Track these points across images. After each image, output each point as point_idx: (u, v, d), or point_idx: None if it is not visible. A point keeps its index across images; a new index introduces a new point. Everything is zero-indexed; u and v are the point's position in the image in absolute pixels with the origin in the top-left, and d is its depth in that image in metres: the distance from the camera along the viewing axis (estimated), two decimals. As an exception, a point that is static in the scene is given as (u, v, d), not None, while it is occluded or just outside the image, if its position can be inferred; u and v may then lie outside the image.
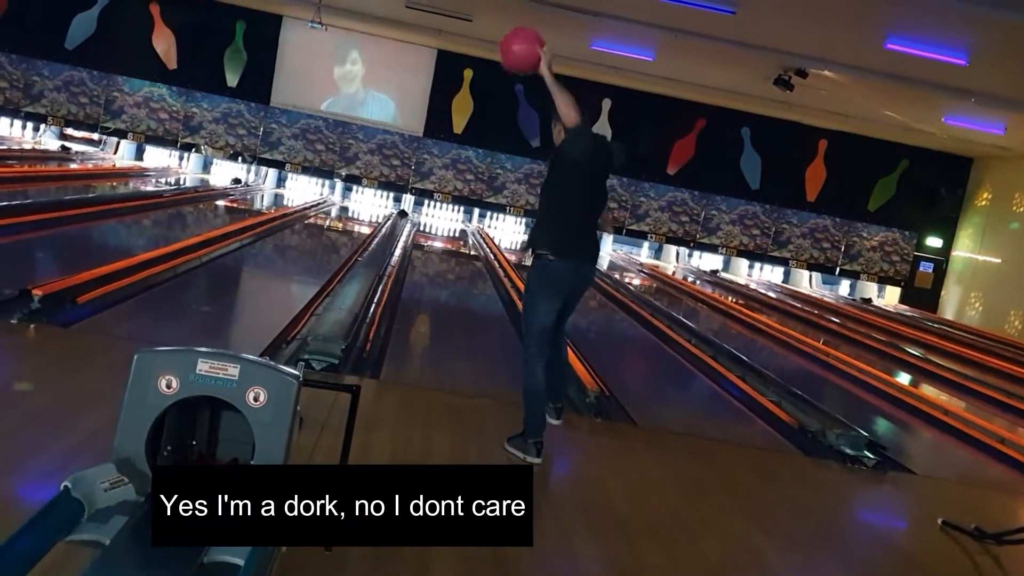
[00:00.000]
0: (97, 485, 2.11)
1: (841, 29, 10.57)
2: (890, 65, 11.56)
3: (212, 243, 9.36)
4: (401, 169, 18.24)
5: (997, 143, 16.15)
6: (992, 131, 14.92)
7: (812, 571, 3.80)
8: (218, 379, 2.31)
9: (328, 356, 5.33)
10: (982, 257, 18.09)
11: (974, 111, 13.64)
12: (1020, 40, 9.54)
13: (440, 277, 12.43)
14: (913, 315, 16.99)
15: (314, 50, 17.70)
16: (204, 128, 17.84)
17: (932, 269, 19.10)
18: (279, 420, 2.33)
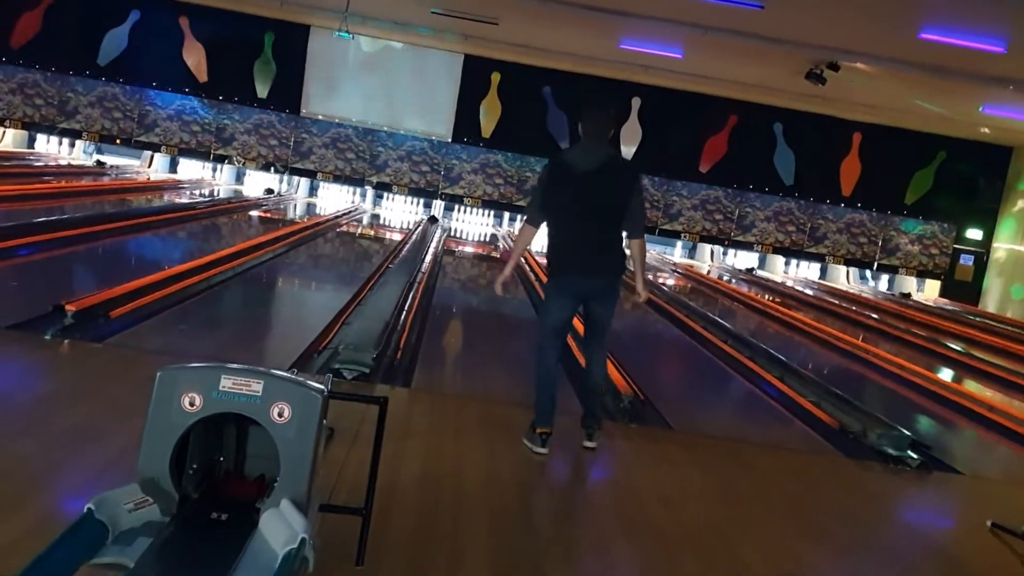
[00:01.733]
0: (121, 506, 2.09)
1: (873, 20, 10.39)
2: (924, 55, 11.34)
3: (245, 253, 9.41)
4: (430, 175, 18.26)
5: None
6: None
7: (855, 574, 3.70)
8: (242, 395, 2.28)
9: (359, 365, 5.30)
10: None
11: (1013, 99, 13.34)
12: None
13: (471, 282, 12.40)
14: (954, 309, 16.68)
15: (342, 58, 17.79)
16: (236, 139, 17.99)
17: (972, 261, 18.74)
18: (304, 435, 2.29)
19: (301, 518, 2.12)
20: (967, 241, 18.77)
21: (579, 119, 4.57)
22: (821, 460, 5.38)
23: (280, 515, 2.16)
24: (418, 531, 3.32)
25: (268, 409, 2.28)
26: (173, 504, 2.22)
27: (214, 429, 2.41)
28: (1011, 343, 12.07)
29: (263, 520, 2.17)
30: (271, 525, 2.14)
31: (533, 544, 3.38)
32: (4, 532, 2.77)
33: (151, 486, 2.20)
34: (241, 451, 2.51)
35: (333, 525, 2.77)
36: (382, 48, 17.91)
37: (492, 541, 3.34)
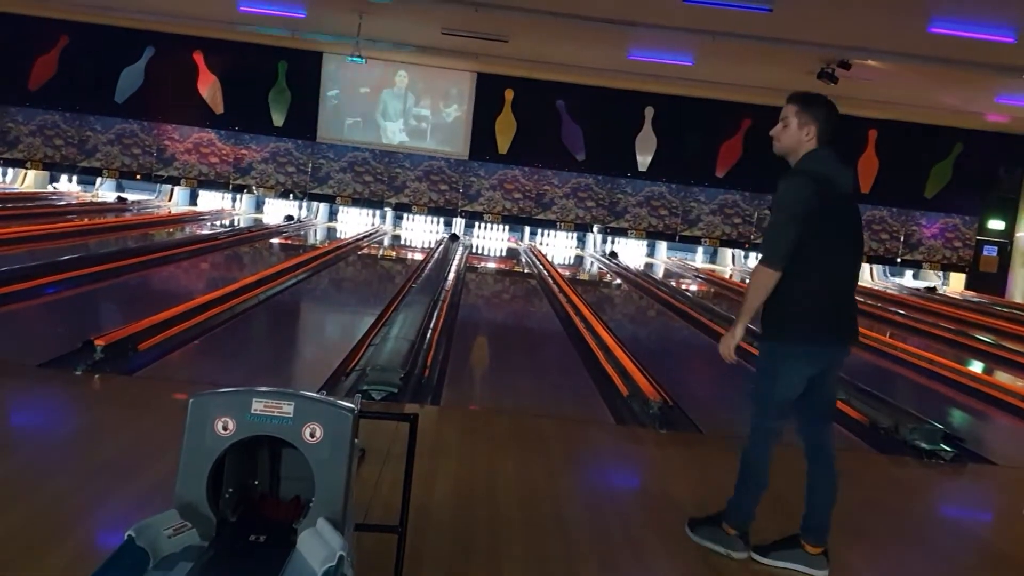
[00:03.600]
0: (161, 532, 2.11)
1: (881, 16, 10.37)
2: (935, 48, 11.31)
3: (269, 280, 9.49)
4: (449, 193, 18.35)
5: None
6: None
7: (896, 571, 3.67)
8: (274, 418, 2.31)
9: (387, 386, 5.34)
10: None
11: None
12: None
13: (495, 297, 12.43)
14: (981, 301, 16.52)
15: (356, 83, 17.97)
16: (254, 168, 18.17)
17: (996, 252, 18.57)
18: (337, 455, 2.31)
19: (338, 536, 2.14)
20: (990, 232, 18.61)
21: (808, 117, 3.46)
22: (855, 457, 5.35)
23: (317, 534, 2.18)
24: (454, 547, 3.33)
25: (300, 430, 2.31)
26: (212, 528, 2.25)
27: (248, 453, 2.44)
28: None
29: (301, 540, 2.19)
30: (309, 544, 2.16)
31: (570, 557, 3.38)
32: (45, 568, 2.82)
33: (189, 511, 2.23)
34: (275, 474, 2.54)
35: (370, 544, 2.80)
36: (395, 70, 18.06)
37: (528, 555, 3.35)
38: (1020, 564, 3.85)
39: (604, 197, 18.52)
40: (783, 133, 3.53)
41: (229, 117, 17.93)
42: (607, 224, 18.69)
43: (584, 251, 19.15)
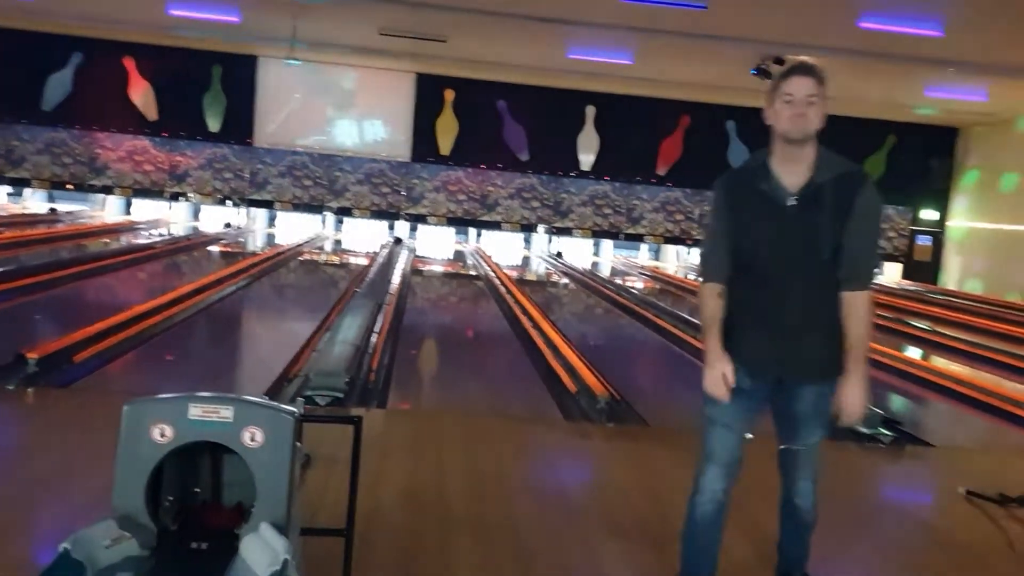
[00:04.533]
0: (98, 544, 2.05)
1: (813, 12, 10.57)
2: (866, 43, 11.56)
3: (208, 288, 9.33)
4: (392, 196, 18.25)
5: (981, 110, 16.13)
6: (975, 99, 14.90)
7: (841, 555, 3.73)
8: (212, 423, 2.26)
9: (332, 390, 5.28)
10: (978, 224, 18.04)
11: (955, 80, 13.62)
12: (992, 7, 9.54)
13: (442, 300, 12.39)
14: (916, 289, 16.93)
15: (292, 86, 17.77)
16: (190, 175, 17.87)
17: (930, 242, 19.05)
18: (278, 458, 2.27)
19: (282, 540, 2.11)
20: (923, 222, 19.08)
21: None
22: (798, 446, 5.43)
23: (260, 539, 2.14)
24: (404, 548, 3.30)
25: (240, 434, 2.26)
26: (152, 537, 2.19)
27: (188, 459, 2.39)
28: (973, 317, 12.28)
29: (243, 545, 2.15)
30: (252, 550, 2.12)
31: (521, 555, 3.37)
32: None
33: (127, 521, 2.17)
34: (217, 480, 2.49)
35: (318, 549, 2.75)
36: (333, 72, 17.90)
37: (480, 552, 3.34)
38: (960, 542, 3.94)
39: (549, 197, 18.58)
40: (819, 114, 2.72)
41: (163, 123, 17.61)
42: (552, 224, 18.76)
43: (530, 251, 19.19)
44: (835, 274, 2.71)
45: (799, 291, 2.74)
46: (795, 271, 2.73)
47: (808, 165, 2.74)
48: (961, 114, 16.89)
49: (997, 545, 3.92)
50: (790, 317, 2.74)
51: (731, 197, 2.83)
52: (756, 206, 2.76)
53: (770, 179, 2.76)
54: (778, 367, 2.80)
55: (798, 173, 2.73)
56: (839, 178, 2.71)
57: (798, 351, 2.77)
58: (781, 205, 2.72)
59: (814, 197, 2.70)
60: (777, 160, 2.77)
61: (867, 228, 2.73)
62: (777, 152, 2.77)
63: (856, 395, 2.76)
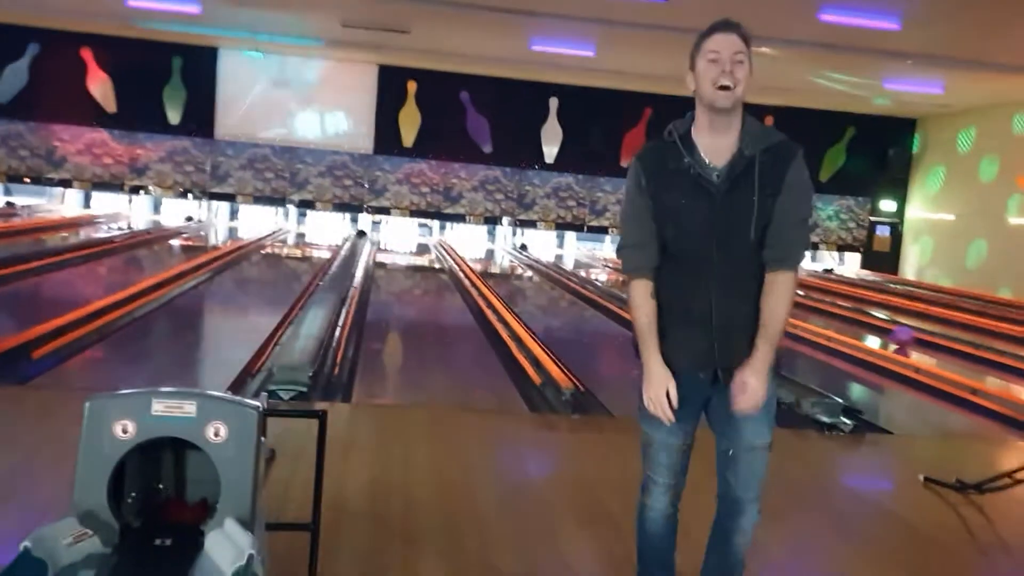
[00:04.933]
0: (59, 541, 2.03)
1: (774, 5, 10.65)
2: (826, 36, 11.68)
3: (169, 283, 9.23)
4: (354, 189, 18.15)
5: (938, 101, 16.38)
6: (932, 91, 15.13)
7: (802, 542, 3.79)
8: (175, 418, 2.24)
9: (295, 385, 5.25)
10: (935, 215, 18.33)
11: (912, 73, 13.81)
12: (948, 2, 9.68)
13: (406, 293, 12.35)
14: (875, 279, 17.17)
15: (254, 78, 17.58)
16: (151, 169, 17.63)
17: (889, 232, 19.33)
18: (243, 453, 2.26)
19: (247, 535, 2.10)
20: (882, 212, 19.35)
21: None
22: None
23: (225, 535, 2.13)
24: (371, 542, 3.30)
25: (203, 430, 2.25)
26: (114, 534, 2.17)
27: (151, 455, 2.37)
28: (931, 307, 12.49)
29: (208, 541, 2.13)
30: (217, 545, 2.10)
31: (487, 546, 3.39)
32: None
33: (89, 518, 2.15)
34: (180, 476, 2.47)
35: (285, 544, 2.75)
36: (295, 64, 17.74)
37: (446, 544, 3.34)
38: (920, 529, 4.02)
39: (512, 189, 18.58)
40: (746, 76, 2.44)
41: (122, 116, 17.34)
42: (516, 216, 18.76)
43: (494, 244, 19.18)
44: (761, 257, 2.45)
45: (731, 278, 2.45)
46: (726, 256, 2.43)
47: (735, 136, 2.44)
48: (918, 105, 17.15)
49: (955, 530, 4.00)
50: (724, 308, 2.45)
51: (651, 176, 2.48)
52: (680, 185, 2.43)
53: (694, 154, 2.44)
54: (717, 365, 2.49)
55: (725, 146, 2.44)
56: (769, 151, 2.43)
57: (737, 344, 2.47)
58: (708, 183, 2.41)
59: (743, 172, 2.41)
60: (700, 131, 2.46)
61: (798, 205, 2.43)
62: (701, 122, 2.46)
63: (755, 380, 2.42)
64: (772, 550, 3.50)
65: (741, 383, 2.43)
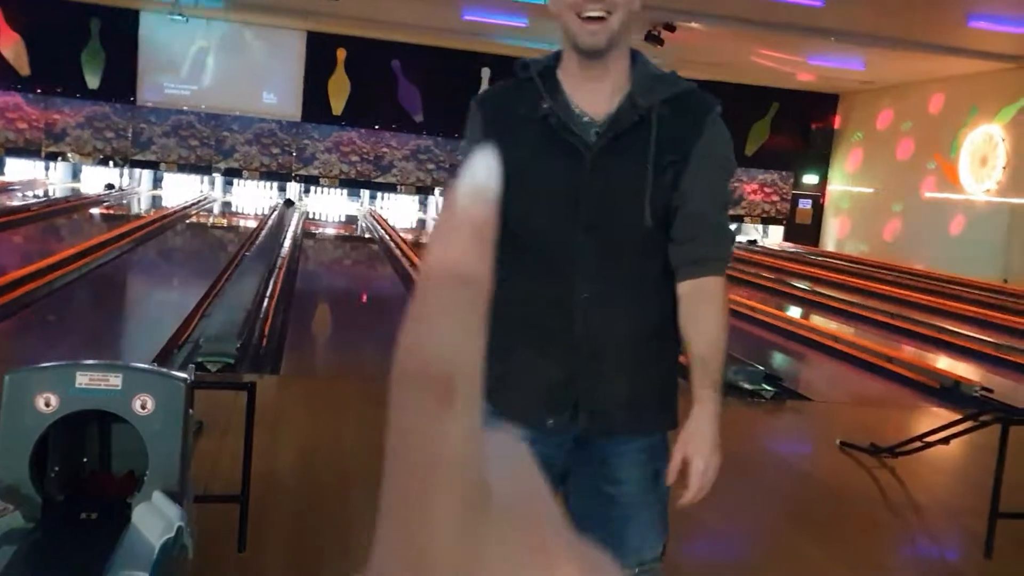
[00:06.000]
0: (-21, 517, 2.00)
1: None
2: (752, 12, 11.85)
3: (90, 253, 8.98)
4: (282, 157, 17.84)
5: (859, 78, 16.78)
6: (853, 67, 15.48)
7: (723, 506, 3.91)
8: (100, 391, 2.21)
9: (222, 356, 5.19)
10: (855, 188, 18.82)
11: (835, 50, 14.11)
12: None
13: (336, 264, 12.24)
14: (797, 251, 17.61)
15: (177, 42, 17.10)
16: (69, 134, 17.06)
17: (811, 205, 19.80)
18: (170, 425, 2.24)
19: (175, 507, 2.09)
20: (804, 186, 19.79)
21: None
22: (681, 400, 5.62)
23: (153, 508, 2.12)
24: (300, 513, 3.30)
25: (130, 402, 2.22)
26: (37, 509, 2.14)
27: (75, 429, 2.33)
28: (850, 278, 12.87)
29: (136, 514, 2.12)
30: (145, 518, 2.09)
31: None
32: None
33: (10, 493, 2.11)
34: (106, 449, 2.44)
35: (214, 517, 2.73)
36: (220, 28, 17.30)
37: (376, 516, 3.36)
38: (837, 492, 4.18)
39: (445, 159, 18.48)
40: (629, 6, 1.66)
41: (37, 79, 16.71)
42: (447, 186, 18.67)
43: (427, 214, 19.09)
44: (663, 253, 1.68)
45: (608, 279, 1.67)
46: (600, 246, 1.66)
47: (618, 83, 1.69)
48: (841, 81, 17.54)
49: (869, 492, 4.17)
50: (594, 321, 1.66)
51: (492, 125, 1.71)
52: (533, 139, 1.66)
53: (558, 97, 1.68)
54: (579, 405, 1.68)
55: (605, 93, 1.68)
56: (673, 104, 1.68)
57: (611, 376, 1.68)
58: (575, 139, 1.65)
59: (632, 130, 1.65)
60: (569, 74, 1.70)
61: (716, 182, 1.70)
62: (568, 64, 1.70)
63: (704, 451, 1.66)
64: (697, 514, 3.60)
65: (685, 454, 1.65)
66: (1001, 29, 11.50)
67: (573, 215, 1.67)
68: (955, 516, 4.01)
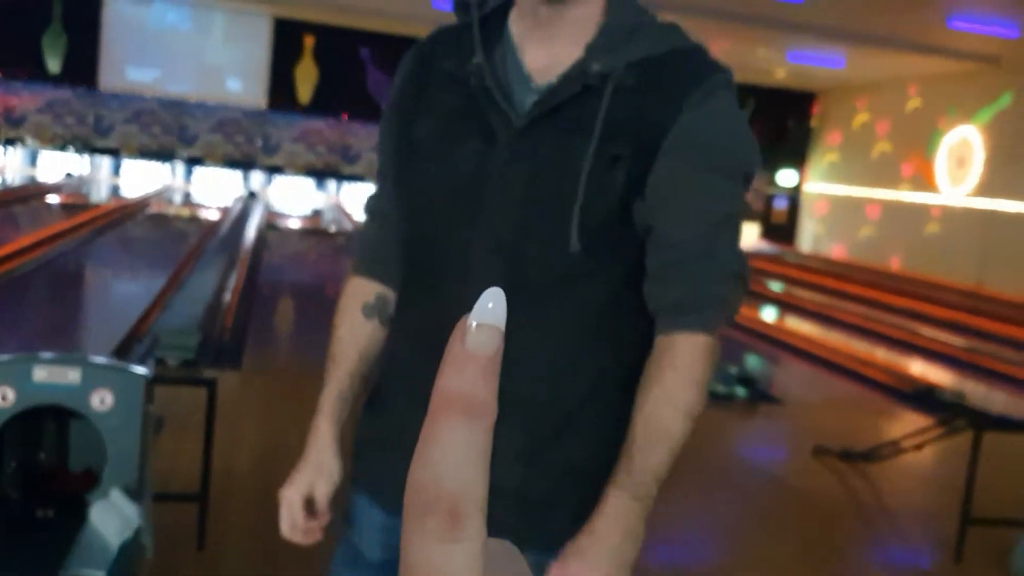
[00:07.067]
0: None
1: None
2: (730, 4, 11.84)
3: (47, 242, 8.75)
4: (246, 146, 17.57)
5: (838, 76, 16.86)
6: (833, 66, 15.55)
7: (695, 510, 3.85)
8: (59, 385, 2.12)
9: (183, 350, 5.05)
10: (831, 187, 18.93)
11: (814, 46, 14.15)
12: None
13: (299, 257, 12.06)
14: (773, 250, 17.68)
15: (142, 26, 16.76)
16: (28, 120, 16.66)
17: (786, 204, 19.86)
18: (129, 422, 2.16)
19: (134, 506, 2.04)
20: (780, 186, 19.87)
21: None
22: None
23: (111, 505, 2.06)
24: (260, 512, 3.19)
25: (88, 398, 2.14)
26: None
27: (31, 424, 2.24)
28: (825, 278, 12.94)
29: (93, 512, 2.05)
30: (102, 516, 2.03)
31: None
32: None
33: (-37, 490, 2.01)
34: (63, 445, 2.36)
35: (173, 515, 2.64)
36: (185, 13, 16.99)
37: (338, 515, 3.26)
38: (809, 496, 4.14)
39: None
40: None
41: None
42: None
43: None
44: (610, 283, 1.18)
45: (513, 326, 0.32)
46: (506, 277, 1.15)
47: (583, 33, 1.17)
48: (818, 80, 17.63)
49: (841, 497, 4.14)
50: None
51: (411, 88, 1.28)
52: (445, 106, 1.21)
53: (494, 52, 1.20)
54: None
55: (560, 48, 1.17)
56: (644, 67, 1.16)
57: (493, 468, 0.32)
58: (495, 119, 1.17)
59: (574, 103, 1.14)
60: (521, 21, 1.20)
61: (703, 183, 1.17)
62: (522, 6, 1.20)
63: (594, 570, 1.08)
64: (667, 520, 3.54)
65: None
66: (980, 30, 11.59)
67: (471, 222, 1.16)
68: (926, 521, 4.00)
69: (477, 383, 0.25)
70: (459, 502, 0.24)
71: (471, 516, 0.25)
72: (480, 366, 0.25)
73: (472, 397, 0.25)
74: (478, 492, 0.25)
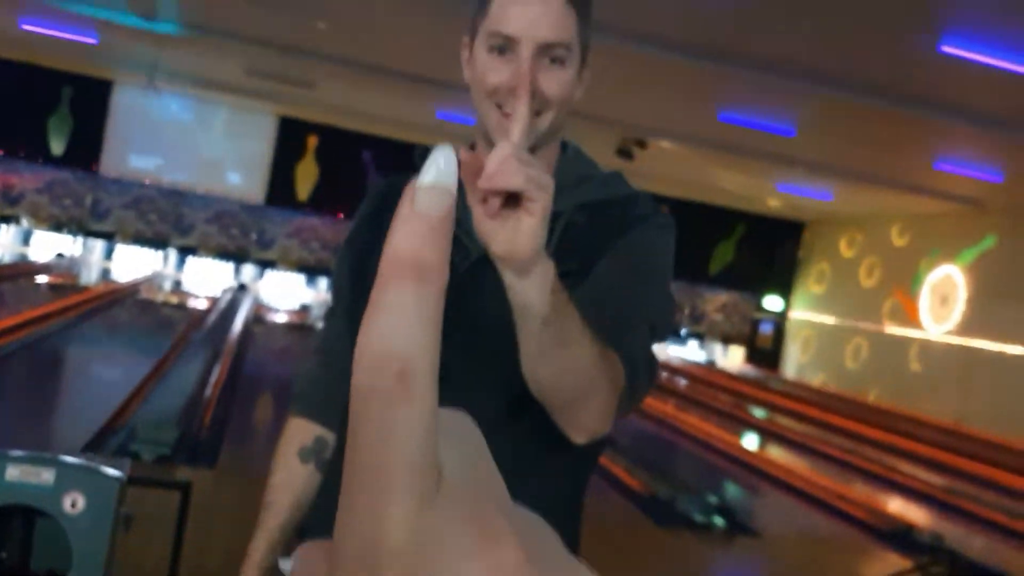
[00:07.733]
0: None
1: (677, 101, 11.04)
2: (724, 136, 12.15)
3: (32, 324, 8.69)
4: (241, 239, 17.67)
5: (826, 208, 17.20)
6: (821, 198, 15.88)
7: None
8: (31, 485, 2.05)
9: (160, 445, 4.96)
10: (817, 316, 19.05)
11: (804, 179, 14.48)
12: (841, 114, 10.23)
13: (285, 353, 11.98)
14: (757, 376, 17.65)
15: (148, 116, 17.06)
16: (25, 198, 16.77)
17: (772, 330, 19.95)
18: (99, 525, 2.09)
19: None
20: (767, 310, 20.00)
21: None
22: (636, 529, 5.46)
23: (71, 615, 1.95)
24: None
25: (60, 499, 2.07)
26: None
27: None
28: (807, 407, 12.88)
29: (52, 621, 1.95)
30: (61, 627, 1.92)
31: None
32: None
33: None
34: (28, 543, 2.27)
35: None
36: (192, 106, 17.32)
37: None
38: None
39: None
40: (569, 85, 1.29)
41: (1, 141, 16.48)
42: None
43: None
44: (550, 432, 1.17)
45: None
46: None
47: None
48: (807, 211, 17.96)
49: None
50: None
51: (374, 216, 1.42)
52: None
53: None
54: None
55: None
56: (594, 209, 1.30)
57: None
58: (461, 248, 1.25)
59: None
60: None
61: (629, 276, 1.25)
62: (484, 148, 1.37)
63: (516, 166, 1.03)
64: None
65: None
66: (965, 173, 11.88)
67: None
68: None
69: (426, 245, 0.25)
70: (409, 364, 0.24)
71: (421, 379, 0.24)
72: (430, 227, 0.25)
73: (422, 260, 0.25)
74: (428, 356, 0.25)
